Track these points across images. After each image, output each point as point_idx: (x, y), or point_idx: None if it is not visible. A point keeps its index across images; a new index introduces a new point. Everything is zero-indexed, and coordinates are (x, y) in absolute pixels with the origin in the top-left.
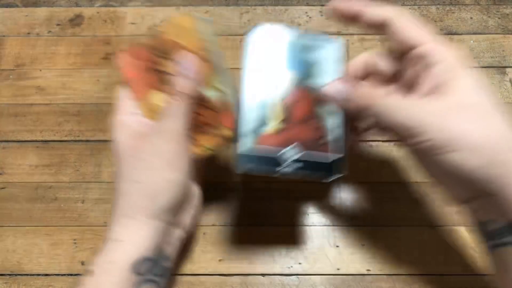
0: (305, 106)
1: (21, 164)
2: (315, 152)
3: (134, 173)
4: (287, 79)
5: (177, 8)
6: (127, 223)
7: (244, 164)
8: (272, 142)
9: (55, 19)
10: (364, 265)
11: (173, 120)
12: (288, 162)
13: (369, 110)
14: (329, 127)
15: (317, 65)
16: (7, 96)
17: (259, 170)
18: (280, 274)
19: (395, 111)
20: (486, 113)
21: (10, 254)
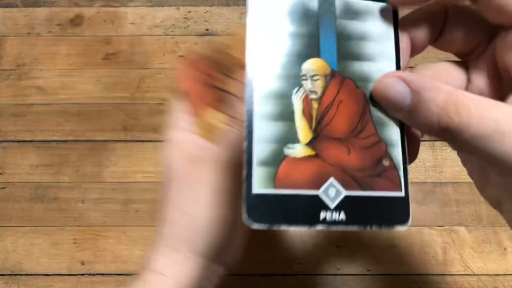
0: (351, 108)
1: (21, 164)
2: (375, 186)
3: (183, 203)
4: (320, 69)
5: (177, 8)
6: (171, 256)
7: (260, 213)
8: (302, 174)
9: (55, 19)
10: (364, 265)
11: (230, 150)
12: (332, 207)
13: (459, 131)
14: (384, 142)
15: (364, 41)
16: (8, 96)
17: (284, 223)
18: (280, 274)
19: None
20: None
21: (10, 254)
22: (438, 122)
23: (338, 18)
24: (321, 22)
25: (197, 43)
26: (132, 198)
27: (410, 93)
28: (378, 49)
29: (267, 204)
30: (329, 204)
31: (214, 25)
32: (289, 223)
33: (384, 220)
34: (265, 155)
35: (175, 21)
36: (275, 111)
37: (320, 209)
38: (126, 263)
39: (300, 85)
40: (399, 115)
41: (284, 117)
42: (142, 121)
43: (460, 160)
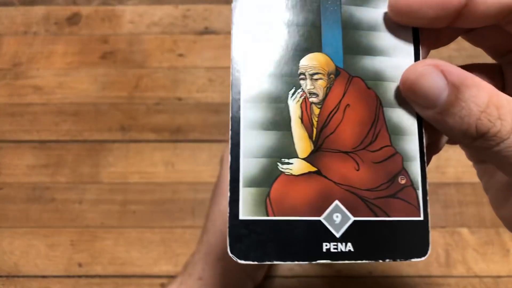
0: (360, 114)
1: (18, 164)
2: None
3: (222, 204)
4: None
5: (175, 6)
6: (212, 264)
7: (248, 246)
8: (300, 195)
9: (53, 17)
10: (365, 268)
11: None
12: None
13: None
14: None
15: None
16: (4, 95)
17: (278, 258)
18: (280, 276)
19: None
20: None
21: (7, 256)
22: (476, 126)
23: (344, 3)
24: (323, 9)
25: (196, 41)
26: (130, 199)
27: (448, 87)
28: (393, 41)
29: (257, 235)
30: (334, 233)
31: (213, 23)
32: (284, 258)
33: (399, 251)
34: (255, 172)
35: (173, 19)
36: (267, 118)
37: (323, 239)
38: (123, 265)
39: (298, 86)
40: (429, 113)
41: (277, 126)
42: (140, 121)
43: (462, 161)
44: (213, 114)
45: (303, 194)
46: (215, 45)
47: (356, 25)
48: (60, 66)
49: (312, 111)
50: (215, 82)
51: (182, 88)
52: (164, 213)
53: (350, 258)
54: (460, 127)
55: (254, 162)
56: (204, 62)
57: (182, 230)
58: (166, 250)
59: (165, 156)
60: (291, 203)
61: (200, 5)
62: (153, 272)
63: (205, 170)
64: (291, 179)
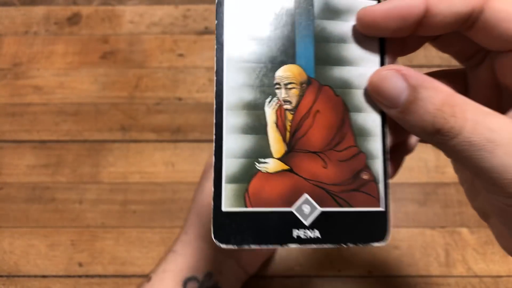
0: (329, 118)
1: (18, 164)
2: (352, 201)
3: (196, 194)
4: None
5: (175, 7)
6: (183, 238)
7: (229, 233)
8: (274, 190)
9: (53, 17)
10: (365, 267)
11: None
12: (306, 224)
13: (451, 135)
14: (363, 155)
15: (345, 44)
16: (4, 95)
17: (254, 242)
18: (281, 276)
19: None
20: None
21: (7, 256)
22: (432, 123)
23: (317, 18)
24: (298, 23)
25: (196, 41)
26: (130, 199)
27: (407, 89)
28: (360, 52)
29: (237, 223)
30: (304, 221)
31: (213, 23)
32: (259, 243)
33: (360, 236)
34: (235, 170)
35: (173, 20)
36: (246, 123)
37: (293, 226)
38: (124, 265)
39: (274, 95)
40: (393, 112)
41: (255, 130)
42: (140, 121)
43: None
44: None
45: (277, 189)
46: None
47: (327, 38)
48: (60, 66)
49: (286, 117)
50: None
51: (182, 88)
52: (164, 213)
53: (317, 242)
54: (419, 124)
55: (235, 161)
56: (204, 62)
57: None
58: (166, 250)
59: (165, 156)
60: (267, 196)
61: (200, 5)
62: None
63: None
64: (267, 176)
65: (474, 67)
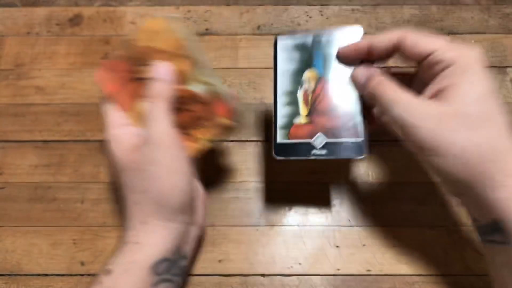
0: (330, 97)
1: (20, 164)
2: (340, 137)
3: (139, 185)
4: (313, 76)
5: (176, 8)
6: (143, 228)
7: (282, 152)
8: (303, 132)
9: (55, 18)
10: (364, 265)
11: (157, 124)
12: (319, 148)
13: (378, 100)
14: (350, 114)
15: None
16: (7, 96)
17: (295, 156)
18: (280, 274)
19: (397, 106)
20: (481, 123)
21: (9, 255)
22: (369, 93)
23: (323, 49)
24: (314, 51)
25: None
26: None
27: (364, 77)
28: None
29: (285, 148)
30: (317, 146)
31: (214, 24)
32: (295, 156)
33: (348, 154)
34: (283, 123)
35: None
36: (288, 100)
37: (312, 149)
38: None
39: (302, 85)
40: (360, 91)
41: (293, 103)
42: None
43: None
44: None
45: (304, 131)
46: (216, 46)
47: (330, 57)
48: (62, 67)
49: (308, 96)
50: None
51: None
52: None
53: (324, 156)
54: (368, 97)
55: (283, 119)
56: None
57: None
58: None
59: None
60: (299, 134)
61: (200, 6)
62: None
63: (205, 170)
64: (299, 125)
65: (421, 68)
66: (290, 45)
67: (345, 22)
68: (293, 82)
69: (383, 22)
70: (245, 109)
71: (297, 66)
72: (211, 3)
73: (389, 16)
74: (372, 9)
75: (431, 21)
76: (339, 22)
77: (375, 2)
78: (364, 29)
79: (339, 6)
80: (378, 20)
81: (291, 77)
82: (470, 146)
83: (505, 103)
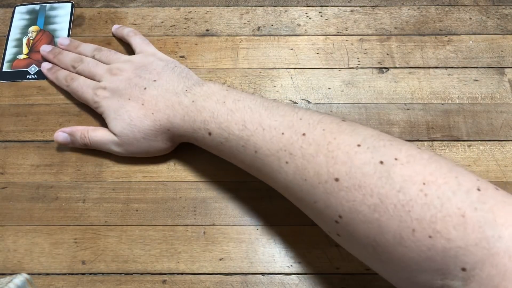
0: (42, 42)
1: (22, 164)
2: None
3: None
4: (35, 29)
5: (177, 9)
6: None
7: (5, 76)
8: (23, 63)
9: None
10: (363, 264)
11: None
12: (32, 74)
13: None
14: None
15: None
16: (8, 96)
17: (15, 79)
18: (280, 273)
19: None
20: (131, 133)
21: (11, 254)
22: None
23: (44, 11)
24: (39, 13)
25: (198, 43)
26: (133, 198)
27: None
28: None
29: (8, 74)
30: (31, 72)
31: (214, 25)
32: (15, 79)
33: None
34: (9, 59)
35: (175, 22)
36: (15, 44)
37: (27, 74)
38: (126, 262)
39: (27, 35)
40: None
41: (19, 46)
42: None
43: (459, 161)
44: None
45: (23, 63)
46: (216, 47)
47: (49, 18)
48: None
49: (30, 41)
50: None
51: None
52: (166, 211)
53: (35, 79)
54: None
55: (10, 56)
56: (205, 64)
57: (183, 228)
58: (168, 247)
59: (167, 155)
60: (19, 65)
61: (201, 7)
62: (155, 269)
63: (206, 169)
64: (20, 59)
65: None
66: (24, 10)
67: (344, 23)
68: (21, 33)
69: (382, 23)
70: None
71: (26, 23)
72: (211, 4)
73: (388, 17)
74: (371, 10)
75: (430, 22)
76: (338, 23)
77: (373, 3)
78: (363, 30)
79: (338, 7)
80: (377, 21)
81: (20, 29)
82: (144, 139)
83: (503, 103)
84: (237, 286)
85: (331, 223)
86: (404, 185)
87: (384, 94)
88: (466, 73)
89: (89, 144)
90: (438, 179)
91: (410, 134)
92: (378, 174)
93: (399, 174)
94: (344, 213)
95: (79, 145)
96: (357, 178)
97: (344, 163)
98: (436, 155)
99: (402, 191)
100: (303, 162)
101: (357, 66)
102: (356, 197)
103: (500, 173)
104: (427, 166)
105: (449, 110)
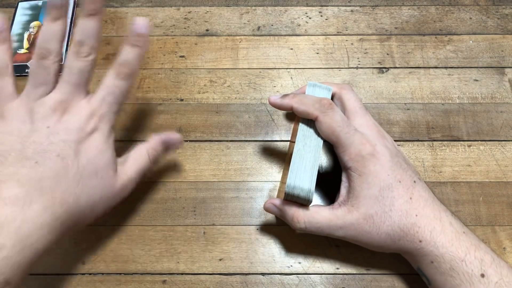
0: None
1: None
2: None
3: None
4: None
5: (177, 9)
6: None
7: None
8: (22, 58)
9: None
10: (363, 264)
11: None
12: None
13: (296, 228)
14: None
15: None
16: None
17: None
18: (280, 273)
19: (318, 224)
20: (386, 215)
21: None
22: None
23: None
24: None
25: (197, 43)
26: (133, 198)
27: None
28: None
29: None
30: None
31: (214, 25)
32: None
33: None
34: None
35: (175, 22)
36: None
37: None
38: (126, 262)
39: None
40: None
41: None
42: (142, 121)
43: (458, 161)
44: (214, 115)
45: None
46: (216, 46)
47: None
48: None
49: (31, 37)
50: (215, 83)
51: (184, 89)
52: (166, 211)
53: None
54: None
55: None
56: (205, 64)
57: (183, 228)
58: (168, 247)
59: (167, 155)
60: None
61: (201, 7)
62: (155, 269)
63: (206, 169)
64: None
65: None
66: (27, 6)
67: (344, 23)
68: (23, 28)
69: (382, 23)
70: (244, 109)
71: (29, 19)
72: (211, 4)
73: (388, 16)
74: (371, 10)
75: (430, 22)
76: (338, 23)
77: (374, 3)
78: (363, 30)
79: (338, 7)
80: (377, 21)
81: (22, 24)
82: (386, 234)
83: (503, 103)
84: (237, 286)
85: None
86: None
87: (384, 94)
88: (466, 73)
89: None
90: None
91: (410, 134)
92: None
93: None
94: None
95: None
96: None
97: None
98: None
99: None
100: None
101: (357, 66)
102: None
103: (500, 173)
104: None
105: (449, 110)
